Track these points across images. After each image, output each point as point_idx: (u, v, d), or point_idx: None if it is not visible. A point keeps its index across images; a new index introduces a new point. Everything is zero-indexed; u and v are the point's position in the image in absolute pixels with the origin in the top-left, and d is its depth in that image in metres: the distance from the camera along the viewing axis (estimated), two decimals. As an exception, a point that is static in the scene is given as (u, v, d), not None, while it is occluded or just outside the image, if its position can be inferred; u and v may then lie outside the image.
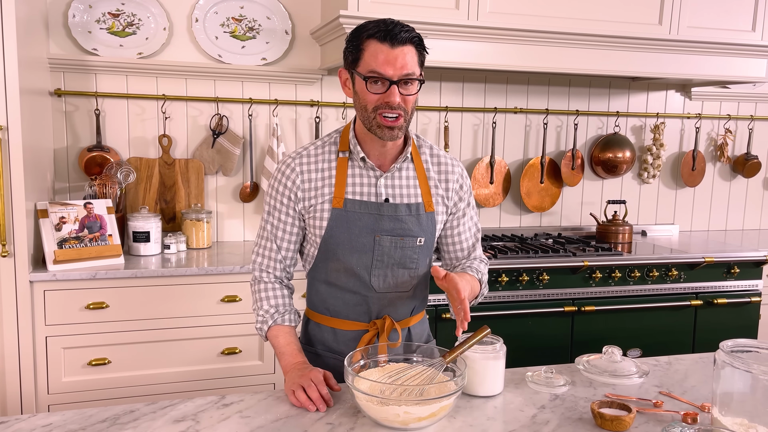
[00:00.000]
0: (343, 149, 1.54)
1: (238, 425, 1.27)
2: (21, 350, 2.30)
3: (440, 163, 1.61)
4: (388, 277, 1.55)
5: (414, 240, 1.54)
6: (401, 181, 1.55)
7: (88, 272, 2.35)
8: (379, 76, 1.39)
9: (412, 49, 1.41)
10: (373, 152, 1.53)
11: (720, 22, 3.06)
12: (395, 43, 1.38)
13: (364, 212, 1.51)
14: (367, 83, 1.41)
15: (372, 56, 1.39)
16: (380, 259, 1.53)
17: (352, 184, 1.52)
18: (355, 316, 1.57)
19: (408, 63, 1.39)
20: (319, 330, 1.62)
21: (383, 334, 1.54)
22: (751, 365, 1.18)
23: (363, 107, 1.44)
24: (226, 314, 2.50)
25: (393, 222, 1.52)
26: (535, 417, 1.33)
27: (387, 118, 1.41)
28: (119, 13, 2.79)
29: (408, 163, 1.57)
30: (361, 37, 1.41)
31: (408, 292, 1.59)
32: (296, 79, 3.03)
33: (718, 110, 3.74)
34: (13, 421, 1.27)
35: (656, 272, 2.86)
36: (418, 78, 1.42)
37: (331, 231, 1.51)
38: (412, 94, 1.42)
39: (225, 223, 3.07)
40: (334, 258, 1.54)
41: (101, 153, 2.78)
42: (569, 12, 2.84)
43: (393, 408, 1.21)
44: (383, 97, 1.40)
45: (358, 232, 1.51)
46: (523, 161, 3.44)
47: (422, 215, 1.55)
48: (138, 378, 2.44)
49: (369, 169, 1.53)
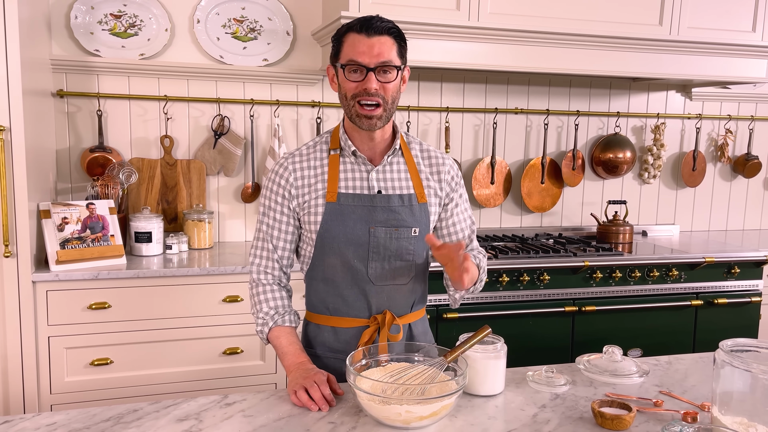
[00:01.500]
0: (334, 147, 1.58)
1: (240, 424, 1.27)
2: (24, 350, 2.31)
3: (430, 157, 1.65)
4: (385, 269, 1.56)
5: (408, 230, 1.56)
6: (392, 174, 1.58)
7: (90, 272, 2.36)
8: (357, 64, 1.45)
9: (389, 39, 1.46)
10: (363, 146, 1.57)
11: (720, 23, 3.07)
12: (371, 33, 1.45)
13: (358, 204, 1.54)
14: (345, 71, 1.47)
15: (350, 46, 1.46)
16: (376, 250, 1.55)
17: (345, 179, 1.56)
18: (354, 312, 1.58)
19: (384, 51, 1.45)
20: (319, 331, 1.62)
21: (384, 328, 1.55)
22: (750, 364, 1.19)
23: (344, 96, 1.50)
24: (228, 314, 2.51)
25: (386, 213, 1.55)
26: (536, 416, 1.34)
27: (365, 106, 1.46)
28: (121, 14, 2.80)
29: (399, 157, 1.61)
30: (342, 32, 1.50)
31: (406, 284, 1.60)
32: (297, 80, 3.04)
33: (719, 110, 3.74)
34: (18, 420, 1.28)
35: (657, 272, 2.86)
36: (396, 66, 1.47)
37: (326, 225, 1.53)
38: (389, 81, 1.47)
39: (226, 223, 3.07)
40: (331, 253, 1.55)
41: (103, 154, 2.79)
42: (569, 13, 2.85)
43: (395, 407, 1.22)
44: (361, 84, 1.46)
45: (352, 224, 1.53)
46: (523, 162, 3.45)
47: (415, 206, 1.58)
48: (140, 378, 2.45)
49: (360, 163, 1.57)
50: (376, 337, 1.57)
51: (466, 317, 2.63)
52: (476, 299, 2.67)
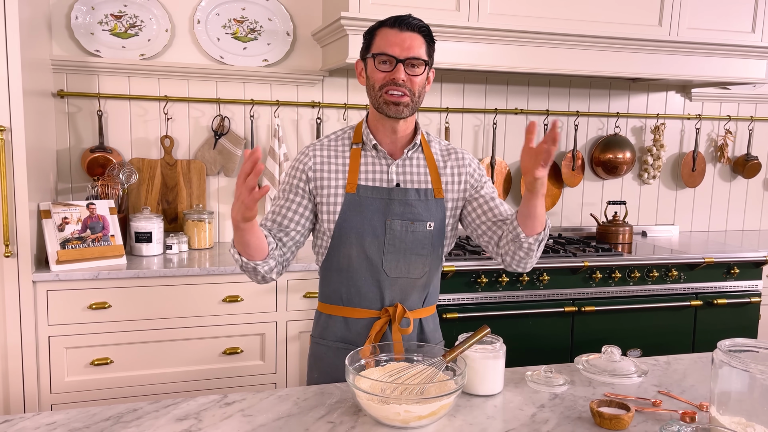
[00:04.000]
0: (356, 141, 1.62)
1: (240, 423, 1.28)
2: (24, 350, 2.31)
3: (450, 154, 1.68)
4: (400, 262, 1.58)
5: (424, 225, 1.58)
6: (412, 168, 1.62)
7: (90, 272, 2.36)
8: (387, 55, 1.50)
9: (419, 36, 1.53)
10: (385, 139, 1.61)
11: (720, 24, 3.07)
12: (403, 28, 1.51)
13: (376, 197, 1.57)
14: (375, 61, 1.52)
15: (382, 39, 1.52)
16: (392, 243, 1.57)
17: (365, 171, 1.59)
18: (367, 303, 1.60)
19: (415, 46, 1.51)
20: (332, 321, 1.64)
21: (395, 322, 1.57)
22: (748, 364, 1.19)
23: (372, 87, 1.55)
24: (228, 314, 2.51)
25: (403, 206, 1.57)
26: (535, 416, 1.34)
27: (393, 94, 1.51)
28: (121, 14, 2.81)
29: (419, 153, 1.64)
30: (375, 27, 1.56)
31: (420, 279, 1.62)
32: (297, 81, 3.04)
33: (718, 111, 3.74)
34: (18, 419, 1.28)
35: (656, 273, 2.87)
36: (425, 61, 1.52)
37: (344, 215, 1.57)
38: (417, 75, 1.52)
39: (227, 223, 3.08)
40: (348, 243, 1.57)
41: (104, 154, 2.80)
42: (569, 13, 2.85)
43: (393, 407, 1.22)
44: (390, 74, 1.51)
45: (370, 216, 1.56)
46: (523, 162, 3.45)
47: (431, 200, 1.60)
48: (140, 378, 2.45)
49: (381, 157, 1.61)
50: (386, 330, 1.59)
51: (466, 317, 2.63)
52: (475, 299, 2.67)
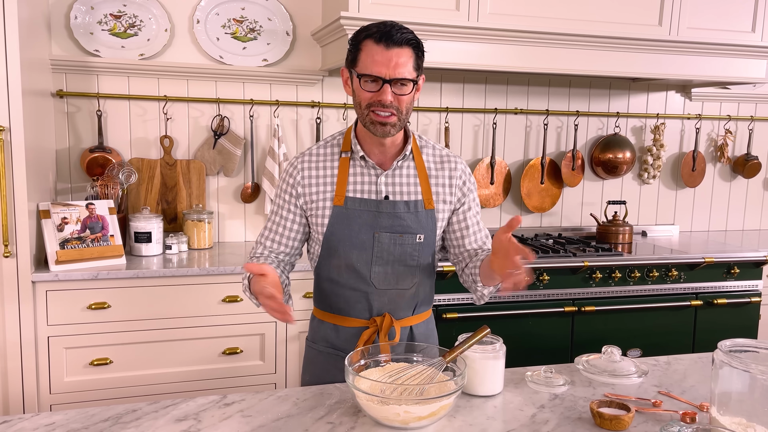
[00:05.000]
0: (345, 149, 1.58)
1: (239, 424, 1.27)
2: (23, 350, 2.31)
3: (443, 162, 1.63)
4: (388, 274, 1.57)
5: (413, 237, 1.56)
6: (401, 179, 1.58)
7: (89, 272, 2.36)
8: (373, 76, 1.43)
9: (408, 50, 1.44)
10: (374, 151, 1.57)
11: (720, 23, 3.07)
12: (390, 45, 1.42)
13: (364, 209, 1.54)
14: (361, 81, 1.45)
15: (368, 56, 1.44)
16: (380, 255, 1.55)
17: (353, 182, 1.56)
18: (356, 313, 1.60)
19: (402, 64, 1.43)
20: (323, 327, 1.65)
21: (382, 332, 1.56)
22: (749, 365, 1.19)
23: (358, 104, 1.49)
24: (228, 314, 2.51)
25: (391, 219, 1.55)
26: (535, 416, 1.34)
27: (379, 114, 1.45)
28: (121, 14, 2.80)
29: (409, 161, 1.59)
30: (360, 38, 1.46)
31: (409, 289, 1.60)
32: (297, 80, 3.04)
33: (718, 111, 3.74)
34: (16, 420, 1.28)
35: (656, 272, 2.86)
36: (412, 80, 1.45)
37: (332, 228, 1.55)
38: (404, 94, 1.45)
39: (226, 223, 3.08)
40: (336, 255, 1.56)
41: (103, 154, 2.79)
42: (569, 13, 2.85)
43: (393, 407, 1.22)
44: (376, 95, 1.45)
45: (357, 229, 1.54)
46: (523, 162, 3.45)
47: (421, 212, 1.57)
48: (139, 378, 2.45)
49: (370, 167, 1.57)
50: (375, 339, 1.58)
51: (465, 317, 2.63)
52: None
